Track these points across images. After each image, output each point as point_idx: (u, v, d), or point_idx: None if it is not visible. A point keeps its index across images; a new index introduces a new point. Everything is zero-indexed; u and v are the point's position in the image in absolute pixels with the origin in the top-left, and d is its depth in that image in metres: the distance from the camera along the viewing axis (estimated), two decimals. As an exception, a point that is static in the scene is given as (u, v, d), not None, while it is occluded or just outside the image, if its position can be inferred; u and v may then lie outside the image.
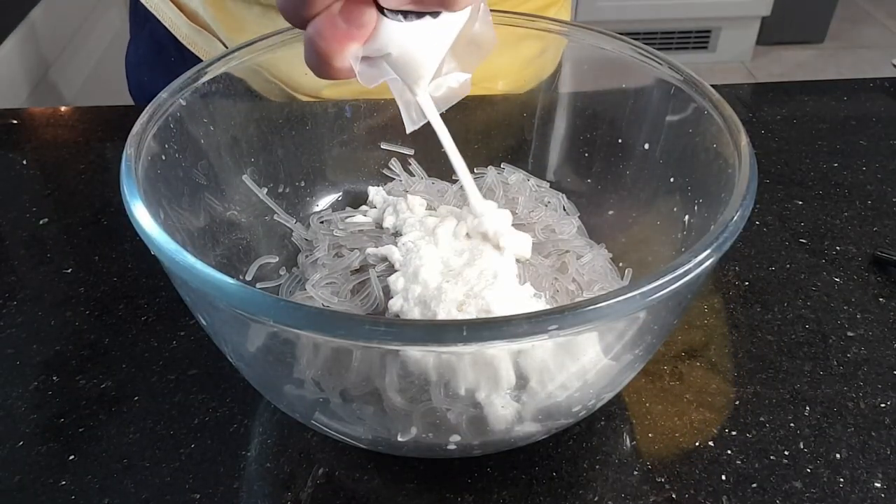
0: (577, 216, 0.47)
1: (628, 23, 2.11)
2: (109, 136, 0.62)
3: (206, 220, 0.41)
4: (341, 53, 0.29)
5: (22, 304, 0.47)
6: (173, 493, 0.36)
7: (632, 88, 0.44)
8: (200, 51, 0.63)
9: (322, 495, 0.36)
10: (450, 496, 0.36)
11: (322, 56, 0.28)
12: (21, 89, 1.00)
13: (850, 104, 0.66)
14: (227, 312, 0.31)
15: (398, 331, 0.26)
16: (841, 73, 2.16)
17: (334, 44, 0.28)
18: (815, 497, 0.36)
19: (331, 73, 0.29)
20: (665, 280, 0.27)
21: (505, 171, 0.49)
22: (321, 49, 0.28)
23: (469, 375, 0.31)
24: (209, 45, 0.62)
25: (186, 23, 0.63)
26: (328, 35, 0.28)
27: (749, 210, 0.31)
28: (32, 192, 0.56)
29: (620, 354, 0.33)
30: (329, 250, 0.44)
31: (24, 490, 0.37)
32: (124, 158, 0.34)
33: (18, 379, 0.42)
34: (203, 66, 0.40)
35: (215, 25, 0.61)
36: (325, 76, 0.29)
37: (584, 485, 0.37)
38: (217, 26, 0.61)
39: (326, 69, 0.29)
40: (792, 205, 0.54)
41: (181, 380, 0.42)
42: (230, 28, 0.60)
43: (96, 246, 0.51)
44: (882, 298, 0.47)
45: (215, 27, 0.61)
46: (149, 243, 0.30)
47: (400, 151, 0.50)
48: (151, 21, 0.65)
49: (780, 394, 0.41)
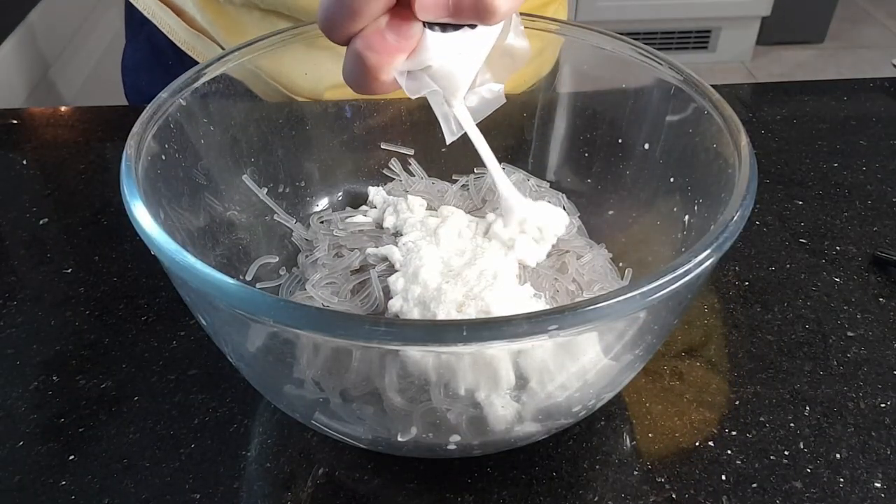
0: (577, 216, 0.47)
1: (628, 23, 2.11)
2: (109, 136, 0.62)
3: (206, 220, 0.41)
4: (390, 66, 0.29)
5: (22, 304, 0.47)
6: (173, 493, 0.36)
7: (632, 88, 0.44)
8: (200, 55, 0.63)
9: (322, 495, 0.36)
10: (450, 496, 0.36)
11: (370, 69, 0.29)
12: (21, 89, 1.00)
13: (850, 104, 0.66)
14: (227, 312, 0.31)
15: (398, 331, 0.26)
16: (841, 73, 2.16)
17: (385, 56, 0.28)
18: (815, 497, 0.36)
19: (374, 87, 0.29)
20: (665, 280, 0.27)
21: (505, 171, 0.49)
22: (371, 62, 0.28)
23: (469, 376, 0.31)
24: (208, 49, 0.62)
25: (185, 28, 0.62)
26: (379, 48, 0.28)
27: (749, 210, 0.31)
28: (32, 192, 0.56)
29: (620, 354, 0.33)
30: (329, 250, 0.44)
31: (24, 490, 0.37)
32: (124, 158, 0.34)
33: (18, 379, 0.42)
34: (202, 66, 0.40)
35: (214, 30, 0.61)
36: (367, 90, 0.30)
37: (584, 485, 0.37)
38: (216, 31, 0.61)
39: (371, 83, 0.29)
40: (792, 205, 0.54)
41: (181, 380, 0.42)
42: (229, 32, 0.60)
43: (96, 246, 0.51)
44: (882, 298, 0.47)
45: (214, 32, 0.61)
46: (149, 243, 0.30)
47: (400, 151, 0.50)
48: (149, 25, 0.64)
49: (780, 394, 0.41)
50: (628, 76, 0.44)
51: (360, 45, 0.28)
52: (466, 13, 0.28)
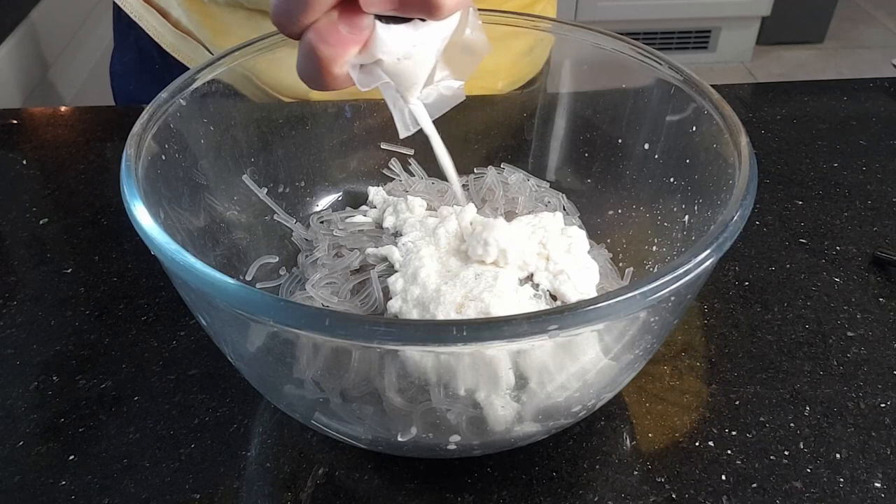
0: (577, 216, 0.47)
1: (628, 23, 2.11)
2: (109, 136, 0.62)
3: (206, 220, 0.41)
4: (343, 58, 0.29)
5: (22, 304, 0.47)
6: (173, 493, 0.36)
7: (632, 88, 0.44)
8: (185, 58, 0.63)
9: (322, 495, 0.36)
10: (450, 496, 0.36)
11: (323, 61, 0.29)
12: (20, 90, 1.00)
13: (850, 104, 0.66)
14: (227, 312, 0.31)
15: (398, 331, 0.26)
16: (841, 73, 2.16)
17: (338, 48, 0.28)
18: (815, 497, 0.36)
19: (328, 81, 0.29)
20: (665, 280, 0.27)
21: (505, 171, 0.49)
22: (323, 54, 0.28)
23: (468, 376, 0.31)
24: (194, 52, 0.62)
25: (171, 30, 0.62)
26: (331, 40, 0.28)
27: (749, 210, 0.31)
28: (32, 192, 0.56)
29: (620, 354, 0.33)
30: (329, 250, 0.44)
31: (24, 490, 0.37)
32: (124, 158, 0.34)
33: (18, 379, 0.42)
34: (197, 69, 0.40)
35: (200, 32, 0.61)
36: (321, 85, 0.30)
37: (584, 485, 0.37)
38: (202, 32, 0.61)
39: (325, 76, 0.29)
40: (792, 205, 0.54)
41: (181, 380, 0.42)
42: (215, 32, 0.60)
43: (96, 246, 0.51)
44: (882, 298, 0.47)
45: (199, 34, 0.61)
46: (149, 243, 0.30)
47: (400, 151, 0.50)
48: (136, 30, 0.64)
49: (780, 394, 0.41)
50: (628, 76, 0.44)
51: (313, 37, 0.28)
52: (413, 7, 0.28)
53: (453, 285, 0.36)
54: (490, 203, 0.47)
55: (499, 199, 0.47)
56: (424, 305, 0.36)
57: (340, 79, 0.29)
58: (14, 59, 0.98)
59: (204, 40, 0.61)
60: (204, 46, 0.62)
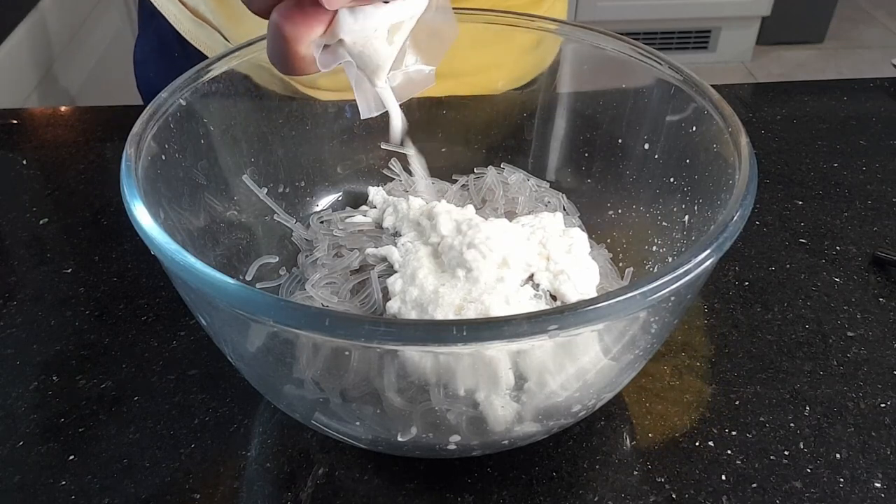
0: (577, 216, 0.47)
1: (628, 23, 2.11)
2: (109, 136, 0.62)
3: (206, 220, 0.41)
4: (308, 37, 0.29)
5: (22, 304, 0.47)
6: (173, 493, 0.36)
7: (632, 88, 0.44)
8: (203, 45, 0.64)
9: (322, 495, 0.36)
10: (450, 496, 0.36)
11: (288, 40, 0.29)
12: (25, 86, 1.00)
13: (850, 104, 0.66)
14: (227, 312, 0.31)
15: (397, 331, 0.26)
16: (841, 73, 2.16)
17: (302, 28, 0.29)
18: (815, 497, 0.36)
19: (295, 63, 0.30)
20: (665, 280, 0.27)
21: (505, 171, 0.49)
22: (288, 33, 0.29)
23: (468, 376, 0.31)
24: (211, 38, 0.63)
25: (189, 17, 0.64)
26: (296, 19, 0.29)
27: (749, 210, 0.31)
28: (32, 192, 0.56)
29: (620, 354, 0.33)
30: (329, 250, 0.44)
31: (24, 490, 0.37)
32: (124, 158, 0.34)
33: (18, 379, 0.42)
34: (206, 63, 0.40)
35: (215, 18, 0.62)
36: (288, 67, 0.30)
37: (584, 485, 0.37)
38: (217, 19, 0.62)
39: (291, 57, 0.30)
40: (792, 205, 0.54)
41: (181, 380, 0.42)
42: (229, 18, 0.61)
43: (96, 246, 0.51)
44: (882, 298, 0.47)
45: (215, 20, 0.62)
46: (149, 243, 0.30)
47: (400, 151, 0.50)
48: (157, 17, 0.66)
49: (780, 394, 0.41)
50: (628, 76, 0.44)
51: (278, 16, 0.29)
52: None
53: (452, 287, 0.36)
54: (490, 203, 0.48)
55: (499, 199, 0.47)
56: (423, 307, 0.36)
57: (307, 60, 0.30)
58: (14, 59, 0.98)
59: (219, 26, 0.62)
60: (220, 34, 0.62)
